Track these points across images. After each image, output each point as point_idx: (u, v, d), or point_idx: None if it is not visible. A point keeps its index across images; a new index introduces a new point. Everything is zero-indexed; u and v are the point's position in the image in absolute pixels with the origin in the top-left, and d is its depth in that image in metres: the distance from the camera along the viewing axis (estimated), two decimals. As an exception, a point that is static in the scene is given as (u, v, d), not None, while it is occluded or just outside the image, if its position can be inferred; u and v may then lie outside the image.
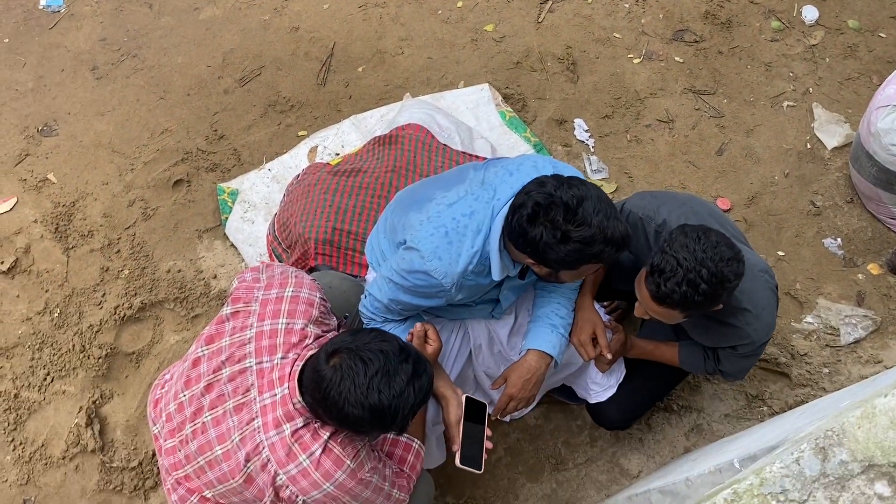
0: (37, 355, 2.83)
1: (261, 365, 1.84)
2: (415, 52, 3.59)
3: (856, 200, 3.23)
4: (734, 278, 1.85)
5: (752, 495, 1.31)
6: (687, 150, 3.35)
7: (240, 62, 3.55)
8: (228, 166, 3.26)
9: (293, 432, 1.77)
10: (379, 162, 2.86)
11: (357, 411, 1.66)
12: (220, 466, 1.84)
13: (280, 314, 1.89)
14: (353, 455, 1.80)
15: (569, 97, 3.48)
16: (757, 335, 2.09)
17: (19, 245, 3.03)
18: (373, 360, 1.68)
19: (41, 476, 2.66)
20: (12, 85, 3.45)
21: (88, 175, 3.22)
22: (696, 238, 1.85)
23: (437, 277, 1.96)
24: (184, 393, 1.92)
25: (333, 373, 1.67)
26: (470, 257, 1.96)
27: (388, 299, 2.08)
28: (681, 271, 1.82)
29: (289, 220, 2.81)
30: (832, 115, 3.43)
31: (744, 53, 3.62)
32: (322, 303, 1.98)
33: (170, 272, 3.00)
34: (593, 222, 1.78)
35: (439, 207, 2.02)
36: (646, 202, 2.20)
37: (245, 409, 1.83)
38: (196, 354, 1.95)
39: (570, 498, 2.67)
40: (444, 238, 1.96)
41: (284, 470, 1.78)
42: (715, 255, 1.83)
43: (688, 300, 1.84)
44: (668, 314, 1.95)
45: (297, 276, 2.01)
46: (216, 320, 1.98)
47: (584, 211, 1.79)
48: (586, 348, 2.26)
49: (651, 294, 1.90)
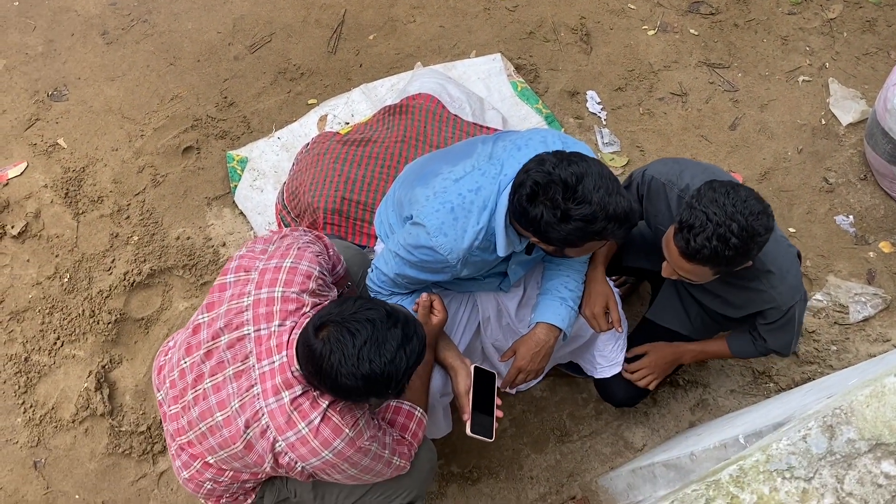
0: (47, 319, 2.85)
1: (259, 332, 1.85)
2: (427, 21, 3.55)
3: (869, 178, 3.20)
4: (764, 232, 1.82)
5: (758, 472, 1.31)
6: (700, 125, 3.32)
7: (250, 28, 3.52)
8: (238, 134, 3.25)
9: (292, 400, 1.78)
10: (389, 132, 2.84)
11: (351, 382, 1.67)
12: (221, 433, 1.86)
13: (277, 283, 1.89)
14: (351, 424, 1.81)
15: (581, 69, 3.44)
16: (782, 298, 2.06)
17: (29, 210, 3.04)
18: (360, 330, 1.67)
19: (51, 438, 2.69)
20: (22, 49, 3.43)
21: (98, 141, 3.21)
22: (725, 192, 1.82)
23: (443, 253, 1.96)
24: (185, 360, 1.93)
25: (323, 346, 1.67)
26: (475, 234, 1.95)
27: (395, 273, 2.08)
28: (710, 226, 1.79)
29: (298, 189, 2.81)
30: (848, 91, 3.39)
31: (760, 26, 3.56)
32: (321, 276, 1.97)
33: (179, 239, 3.01)
34: (594, 199, 1.76)
35: (445, 183, 2.01)
36: (668, 167, 2.18)
37: (244, 376, 1.84)
38: (197, 321, 1.97)
39: (573, 469, 2.69)
40: (450, 214, 1.95)
41: (283, 437, 1.79)
42: (745, 208, 1.80)
43: (718, 255, 1.81)
44: (697, 271, 1.91)
45: (301, 248, 2.00)
46: (217, 287, 1.98)
47: (584, 188, 1.76)
48: (599, 321, 2.26)
49: (680, 251, 1.86)
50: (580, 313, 2.29)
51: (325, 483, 2.11)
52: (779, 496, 1.29)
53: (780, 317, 2.11)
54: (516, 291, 2.34)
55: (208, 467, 1.95)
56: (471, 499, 2.64)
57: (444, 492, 2.64)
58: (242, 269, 1.97)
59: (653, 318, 2.48)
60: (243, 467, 1.91)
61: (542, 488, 2.66)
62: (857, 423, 1.31)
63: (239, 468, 1.92)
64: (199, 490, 2.00)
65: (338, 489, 2.13)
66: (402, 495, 2.16)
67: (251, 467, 1.90)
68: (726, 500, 1.30)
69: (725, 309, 2.23)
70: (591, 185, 1.77)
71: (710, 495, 1.31)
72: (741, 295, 2.13)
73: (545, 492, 2.65)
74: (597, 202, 1.76)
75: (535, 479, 2.67)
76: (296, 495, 2.15)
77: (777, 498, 1.29)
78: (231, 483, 1.98)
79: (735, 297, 2.16)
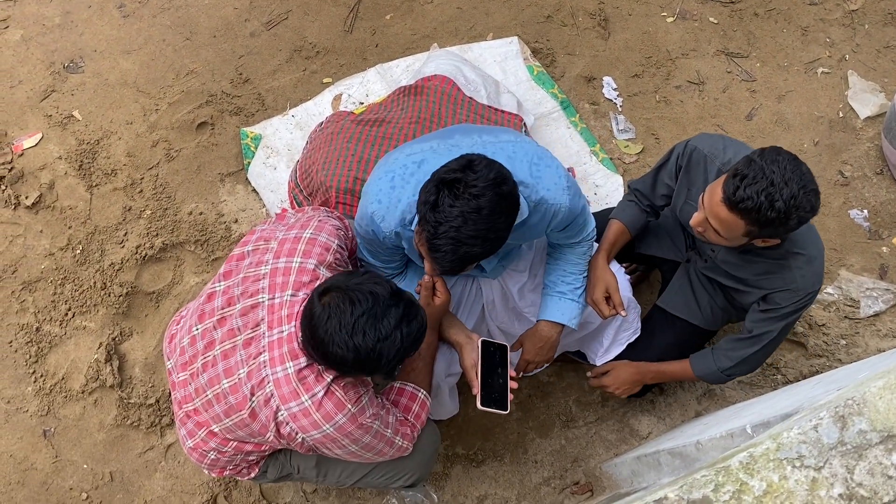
0: (59, 290, 2.86)
1: (272, 300, 1.85)
2: (444, 2, 3.53)
3: (885, 172, 3.18)
4: (809, 210, 1.81)
5: (768, 459, 1.31)
6: (716, 114, 3.30)
7: (267, 5, 3.51)
8: (252, 111, 3.24)
9: (297, 371, 1.79)
10: (403, 112, 2.83)
11: (341, 351, 1.66)
12: (228, 399, 1.87)
13: (296, 253, 1.90)
14: (354, 400, 1.82)
15: (599, 54, 3.42)
16: (804, 281, 2.06)
17: (44, 181, 3.05)
18: (361, 301, 1.66)
19: (61, 408, 2.71)
20: (39, 20, 3.43)
21: (113, 114, 3.21)
22: (789, 160, 1.81)
23: (377, 221, 1.94)
24: (197, 327, 1.94)
25: (322, 311, 1.67)
26: (409, 205, 1.91)
27: (361, 256, 2.10)
28: (764, 181, 1.78)
29: (311, 167, 2.80)
30: (867, 84, 3.36)
31: (780, 16, 3.53)
32: (339, 250, 1.97)
33: (191, 214, 3.01)
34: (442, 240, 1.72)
35: (397, 154, 2.00)
36: (713, 141, 2.17)
37: (253, 344, 1.85)
38: (211, 289, 1.97)
39: (578, 455, 2.70)
40: (389, 182, 1.93)
41: (286, 406, 1.79)
42: (801, 180, 1.79)
43: (760, 212, 1.80)
44: (730, 223, 1.88)
45: (322, 220, 2.01)
46: (236, 256, 1.99)
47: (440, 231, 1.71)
48: (600, 307, 2.26)
49: (726, 195, 1.84)
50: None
51: (328, 460, 2.12)
52: (788, 484, 1.29)
53: (789, 303, 2.10)
54: (520, 275, 2.34)
55: (213, 436, 1.96)
56: (475, 481, 2.65)
57: (448, 473, 2.65)
58: (262, 240, 1.98)
59: (663, 306, 2.48)
60: (248, 436, 1.92)
61: (546, 473, 2.67)
62: (870, 414, 1.31)
63: (243, 437, 1.93)
64: (203, 460, 2.01)
65: (341, 467, 2.14)
66: (404, 476, 2.17)
67: (255, 436, 1.91)
68: (735, 487, 1.30)
69: (738, 291, 2.22)
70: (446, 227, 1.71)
71: (720, 481, 1.31)
72: (763, 270, 2.12)
73: (549, 476, 2.66)
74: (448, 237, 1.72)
75: (540, 464, 2.68)
76: (299, 471, 2.16)
77: (786, 486, 1.29)
78: (235, 454, 1.99)
79: (755, 272, 2.14)
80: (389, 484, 2.20)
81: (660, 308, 2.49)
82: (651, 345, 2.46)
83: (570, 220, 2.06)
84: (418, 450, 2.12)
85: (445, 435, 2.68)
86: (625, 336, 2.49)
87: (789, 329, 2.19)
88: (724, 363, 2.28)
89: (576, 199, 2.03)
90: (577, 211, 2.05)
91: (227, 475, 2.10)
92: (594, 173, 3.14)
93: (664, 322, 2.47)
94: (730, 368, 2.28)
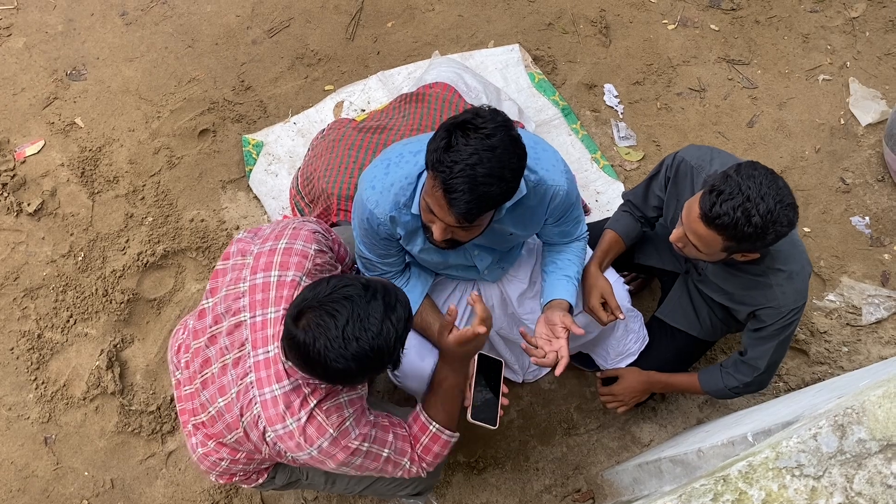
0: (60, 297, 2.87)
1: (254, 319, 1.82)
2: (445, 9, 3.54)
3: (887, 179, 3.18)
4: (786, 224, 1.82)
5: (767, 468, 1.30)
6: (717, 121, 3.30)
7: (269, 13, 3.52)
8: (254, 118, 3.25)
9: (284, 394, 1.76)
10: (405, 120, 2.84)
11: (342, 364, 1.61)
12: (224, 418, 1.87)
13: (272, 266, 1.85)
14: (336, 424, 1.78)
15: (600, 61, 3.42)
16: (784, 298, 2.06)
17: (46, 188, 3.05)
18: (340, 310, 1.60)
19: (62, 415, 2.71)
20: (42, 27, 3.45)
21: (115, 121, 3.22)
22: (765, 174, 1.82)
23: (370, 206, 1.93)
24: (193, 344, 1.95)
25: (305, 335, 1.61)
26: (402, 187, 1.91)
27: (362, 248, 2.09)
28: (740, 197, 1.79)
29: (312, 174, 2.81)
30: (868, 91, 3.36)
31: (781, 23, 3.53)
32: (318, 254, 1.92)
33: (193, 221, 3.02)
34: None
35: (394, 146, 2.00)
36: (700, 152, 2.18)
37: (241, 364, 1.83)
38: (202, 306, 1.97)
39: (580, 462, 2.69)
40: (385, 169, 1.93)
41: (272, 428, 1.78)
42: (777, 195, 1.80)
43: (737, 227, 1.80)
44: (708, 239, 1.89)
45: (296, 227, 1.96)
46: (219, 272, 1.97)
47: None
48: (598, 313, 2.26)
49: (703, 211, 1.85)
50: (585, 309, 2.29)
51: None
52: (787, 493, 1.29)
53: (775, 321, 2.10)
54: (520, 281, 2.34)
55: (223, 447, 1.96)
56: (476, 488, 2.65)
57: (450, 480, 2.65)
58: (240, 253, 1.96)
59: (662, 317, 2.48)
60: (254, 451, 1.92)
61: (547, 480, 2.66)
62: (869, 423, 1.30)
63: (251, 450, 1.93)
64: (215, 468, 2.00)
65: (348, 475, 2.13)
66: (411, 485, 2.16)
67: (256, 452, 1.91)
68: (735, 496, 1.29)
69: (730, 305, 2.22)
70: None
71: (719, 490, 1.30)
72: (744, 285, 2.12)
73: (550, 484, 2.66)
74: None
75: (541, 471, 2.68)
76: (307, 478, 2.16)
77: (786, 495, 1.29)
78: (247, 462, 1.99)
79: (738, 290, 2.15)
80: (397, 493, 2.19)
81: (659, 319, 2.49)
82: (650, 356, 2.46)
83: (566, 207, 2.06)
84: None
85: (446, 442, 2.68)
86: (635, 347, 2.48)
87: (786, 346, 2.18)
88: (731, 382, 2.29)
89: (572, 185, 2.04)
90: (573, 199, 2.06)
91: (235, 482, 2.09)
92: (595, 180, 3.14)
93: (663, 333, 2.47)
94: (736, 388, 2.29)
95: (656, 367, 2.44)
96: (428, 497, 2.61)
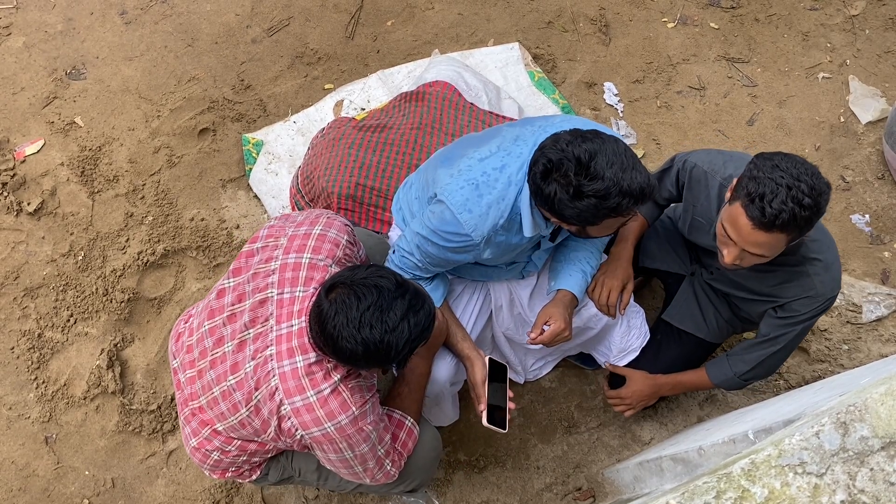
0: (61, 296, 2.87)
1: (282, 295, 1.86)
2: (445, 8, 3.54)
3: (887, 177, 3.18)
4: (827, 189, 1.81)
5: (770, 466, 1.31)
6: (717, 119, 3.30)
7: (268, 12, 3.52)
8: (254, 117, 3.25)
9: (307, 365, 1.79)
10: (405, 119, 2.84)
11: (350, 345, 1.68)
12: (233, 396, 1.87)
13: (306, 249, 1.91)
14: (359, 403, 1.82)
15: (600, 60, 3.42)
16: (823, 287, 2.05)
17: (46, 187, 3.05)
18: (366, 294, 1.68)
19: (62, 415, 2.71)
20: (42, 27, 3.44)
21: (115, 120, 3.22)
22: (782, 158, 1.82)
23: (467, 230, 1.94)
24: (206, 324, 1.95)
25: (329, 306, 1.69)
26: (500, 211, 1.93)
27: (418, 255, 2.07)
28: (782, 189, 1.77)
29: (312, 173, 2.81)
30: (868, 89, 3.36)
31: (781, 22, 3.53)
32: (348, 245, 1.98)
33: (193, 220, 3.02)
34: (606, 175, 1.74)
35: (470, 162, 2.00)
36: (712, 157, 2.17)
37: (261, 338, 1.85)
38: (221, 286, 1.98)
39: (580, 460, 2.69)
40: (475, 191, 1.93)
41: (290, 401, 1.79)
42: (805, 169, 1.79)
43: (796, 218, 1.78)
44: (772, 242, 1.85)
45: (330, 217, 2.01)
46: (246, 253, 2.00)
47: (597, 165, 1.74)
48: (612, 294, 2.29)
49: (756, 222, 1.82)
50: (590, 295, 2.30)
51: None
52: (790, 491, 1.29)
53: (809, 309, 2.08)
54: (529, 280, 2.34)
55: (217, 435, 1.96)
56: (476, 487, 2.65)
57: (451, 479, 2.65)
58: (272, 237, 1.99)
59: (669, 319, 2.48)
60: (251, 434, 1.92)
61: (548, 478, 2.66)
62: (871, 420, 1.31)
63: (247, 436, 1.93)
64: (206, 460, 2.01)
65: None
66: (406, 482, 2.16)
67: (259, 433, 1.91)
68: (737, 493, 1.29)
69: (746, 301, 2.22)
70: (604, 161, 1.74)
71: (721, 488, 1.30)
72: (780, 280, 2.11)
73: (551, 482, 2.66)
74: (610, 178, 1.74)
75: (542, 470, 2.68)
76: (300, 474, 2.16)
77: (788, 493, 1.29)
78: (238, 455, 1.99)
79: (771, 283, 2.13)
80: (391, 490, 2.20)
81: (665, 322, 2.49)
82: (657, 359, 2.46)
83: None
84: (420, 455, 2.11)
85: (447, 441, 2.68)
86: (637, 343, 2.48)
87: (806, 332, 2.17)
88: (741, 367, 2.27)
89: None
90: None
91: (228, 477, 2.09)
92: (595, 179, 3.14)
93: (670, 336, 2.47)
94: (746, 372, 2.27)
95: (664, 371, 2.44)
96: (428, 495, 2.61)
